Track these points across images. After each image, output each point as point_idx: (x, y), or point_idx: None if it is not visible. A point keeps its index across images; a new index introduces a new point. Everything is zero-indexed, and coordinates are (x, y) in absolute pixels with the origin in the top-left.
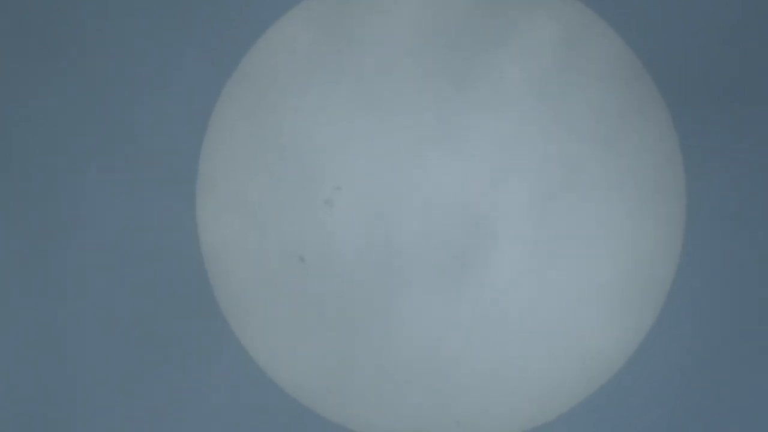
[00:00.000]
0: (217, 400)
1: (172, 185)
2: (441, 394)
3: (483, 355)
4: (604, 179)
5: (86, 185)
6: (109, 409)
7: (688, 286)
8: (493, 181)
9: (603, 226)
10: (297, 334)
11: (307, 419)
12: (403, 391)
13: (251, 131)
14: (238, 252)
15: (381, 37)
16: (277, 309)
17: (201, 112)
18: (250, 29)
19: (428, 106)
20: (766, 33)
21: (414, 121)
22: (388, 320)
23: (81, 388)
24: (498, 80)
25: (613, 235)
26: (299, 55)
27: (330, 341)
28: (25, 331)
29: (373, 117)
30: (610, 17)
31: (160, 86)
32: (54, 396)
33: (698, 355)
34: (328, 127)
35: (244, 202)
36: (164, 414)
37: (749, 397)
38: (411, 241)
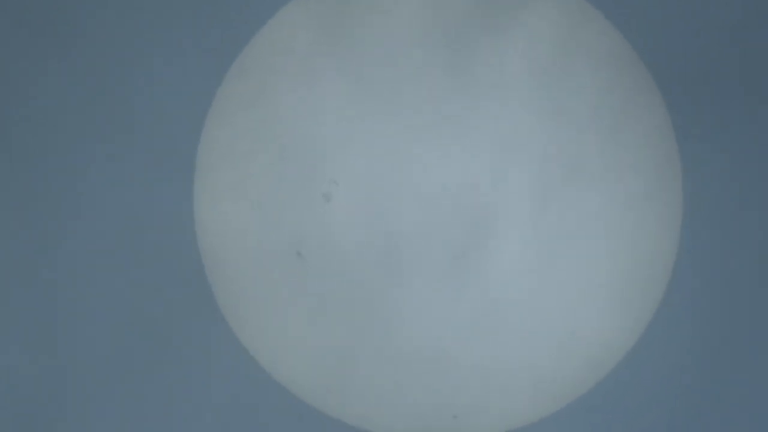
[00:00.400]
0: (217, 399)
1: (170, 181)
2: (441, 393)
3: (482, 352)
4: (604, 176)
5: (83, 183)
6: (108, 409)
7: (686, 284)
8: (493, 179)
9: (602, 223)
10: (296, 331)
11: (307, 416)
12: (403, 388)
13: (249, 127)
14: (237, 249)
15: (381, 36)
16: (276, 306)
17: (198, 108)
18: (247, 24)
19: (428, 103)
20: (767, 33)
21: (414, 118)
22: (388, 317)
23: (79, 387)
24: (498, 78)
25: (612, 232)
26: (298, 50)
27: (330, 338)
28: (24, 331)
29: (372, 113)
30: (611, 16)
31: (158, 81)
32: (51, 396)
33: (696, 351)
34: (327, 122)
35: (242, 199)
36: (164, 414)
37: (748, 396)
38: (411, 236)
